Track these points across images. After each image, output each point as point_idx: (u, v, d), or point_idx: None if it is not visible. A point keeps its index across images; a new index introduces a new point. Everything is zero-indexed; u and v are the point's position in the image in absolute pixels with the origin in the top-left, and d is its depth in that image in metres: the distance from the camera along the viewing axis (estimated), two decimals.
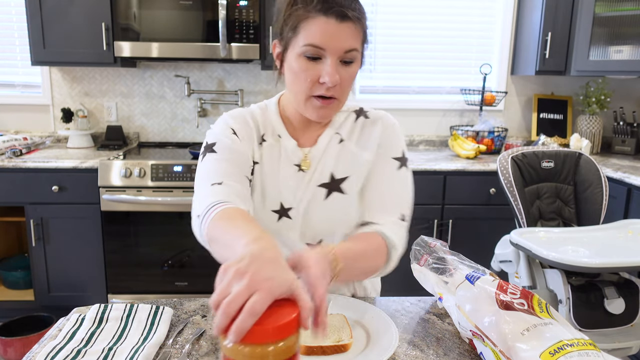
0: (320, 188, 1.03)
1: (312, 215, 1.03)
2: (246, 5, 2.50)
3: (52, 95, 2.98)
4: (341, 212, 1.04)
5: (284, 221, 1.03)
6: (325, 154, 1.05)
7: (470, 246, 2.60)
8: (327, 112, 0.97)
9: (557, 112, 3.07)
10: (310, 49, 0.90)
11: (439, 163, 2.56)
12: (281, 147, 1.05)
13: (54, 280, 2.56)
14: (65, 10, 2.54)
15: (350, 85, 0.97)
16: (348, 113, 1.09)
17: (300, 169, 1.04)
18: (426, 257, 0.98)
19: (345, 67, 0.93)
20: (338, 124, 1.08)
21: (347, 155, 1.05)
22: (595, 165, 2.05)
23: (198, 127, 3.05)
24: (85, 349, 0.84)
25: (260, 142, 1.05)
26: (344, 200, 1.04)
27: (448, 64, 3.08)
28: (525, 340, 0.72)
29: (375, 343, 0.85)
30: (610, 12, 2.57)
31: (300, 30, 0.91)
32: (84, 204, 2.46)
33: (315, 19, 0.89)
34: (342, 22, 0.89)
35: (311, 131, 1.07)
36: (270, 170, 1.03)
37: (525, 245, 1.67)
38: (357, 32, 0.92)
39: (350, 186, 1.04)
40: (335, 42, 0.89)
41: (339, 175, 1.04)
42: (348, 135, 1.07)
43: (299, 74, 0.93)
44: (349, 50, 0.91)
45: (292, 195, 1.03)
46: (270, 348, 0.55)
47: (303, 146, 1.06)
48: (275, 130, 1.06)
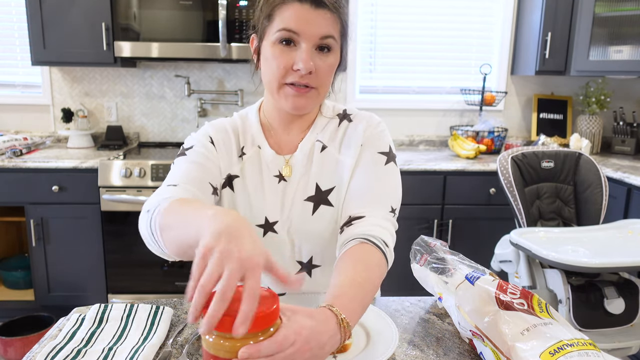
0: (307, 202, 1.00)
1: (301, 231, 1.00)
2: (246, 5, 2.50)
3: (52, 95, 2.98)
4: (331, 226, 1.00)
5: (270, 237, 1.00)
6: (307, 162, 1.01)
7: (470, 246, 2.60)
8: (303, 102, 0.92)
9: (557, 112, 3.07)
10: (284, 33, 0.88)
11: (439, 163, 2.56)
12: (261, 159, 1.01)
13: (54, 280, 2.56)
14: (65, 10, 2.54)
15: (329, 77, 0.93)
16: (329, 118, 1.05)
17: (282, 178, 1.01)
18: (426, 257, 0.98)
19: (322, 56, 0.90)
20: (319, 128, 1.03)
21: (331, 164, 1.01)
22: (595, 165, 2.06)
23: (198, 127, 3.05)
24: (86, 349, 0.84)
25: (240, 154, 1.02)
26: (332, 213, 1.00)
27: (448, 64, 3.08)
28: (525, 340, 0.72)
29: (375, 343, 0.85)
30: (610, 12, 2.57)
31: (275, 17, 0.89)
32: (84, 204, 2.46)
33: (289, 5, 0.88)
34: (318, 8, 0.87)
35: (292, 136, 1.03)
36: (252, 184, 1.00)
37: (525, 245, 1.67)
38: (334, 20, 0.89)
39: (336, 197, 1.00)
40: (310, 27, 0.87)
41: (325, 186, 1.00)
42: (330, 141, 1.02)
43: (272, 61, 0.90)
44: (325, 37, 0.89)
45: (276, 208, 1.00)
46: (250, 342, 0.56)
47: (283, 153, 1.02)
48: (255, 141, 1.02)
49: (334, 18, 0.89)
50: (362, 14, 2.98)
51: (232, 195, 1.01)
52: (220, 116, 3.05)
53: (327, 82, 0.94)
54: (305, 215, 1.00)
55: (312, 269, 1.03)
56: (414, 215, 2.55)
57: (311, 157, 1.01)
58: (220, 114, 3.05)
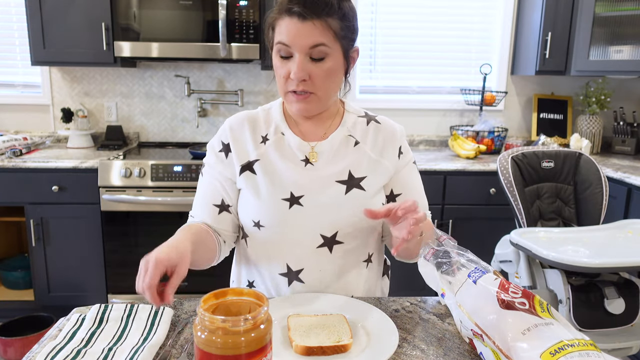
0: (338, 184, 1.06)
1: (332, 208, 1.05)
2: (246, 5, 2.50)
3: (52, 95, 2.98)
4: (361, 208, 1.03)
5: (295, 209, 1.04)
6: (338, 151, 1.08)
7: (470, 246, 2.57)
8: (305, 107, 1.02)
9: (557, 112, 3.07)
10: (280, 47, 0.98)
11: (439, 163, 2.56)
12: (285, 144, 1.08)
13: (54, 280, 2.56)
14: (65, 10, 2.54)
15: (327, 80, 1.00)
16: (356, 117, 1.13)
17: (308, 162, 1.07)
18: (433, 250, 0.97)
19: (316, 63, 0.98)
20: (350, 124, 1.11)
21: (365, 159, 1.09)
22: (595, 165, 2.05)
23: (198, 127, 3.05)
24: (85, 349, 0.84)
25: (262, 141, 1.09)
26: (365, 196, 1.06)
27: (448, 64, 3.08)
28: (526, 340, 0.72)
29: (375, 343, 0.85)
30: (610, 12, 2.57)
31: (275, 30, 0.99)
32: (84, 204, 2.46)
33: (283, 19, 0.96)
34: (304, 21, 0.94)
35: (316, 127, 1.10)
36: (276, 162, 1.06)
37: (525, 245, 1.67)
38: (324, 28, 0.95)
39: (369, 185, 1.07)
40: (299, 39, 0.95)
41: (358, 175, 1.07)
42: (362, 138, 1.10)
43: (276, 72, 1.02)
44: (314, 46, 0.95)
45: (302, 182, 1.05)
46: (241, 339, 0.56)
47: (309, 140, 1.09)
48: (278, 128, 1.10)
49: (323, 26, 0.95)
50: (362, 14, 2.97)
51: (252, 177, 1.07)
52: (220, 116, 3.06)
53: (326, 86, 1.01)
54: (338, 194, 1.05)
55: (334, 244, 1.07)
56: None
57: (343, 149, 1.09)
58: (220, 114, 3.05)
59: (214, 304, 0.64)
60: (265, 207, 1.05)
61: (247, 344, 0.58)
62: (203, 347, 0.58)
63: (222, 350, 0.57)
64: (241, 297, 0.66)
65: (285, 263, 1.08)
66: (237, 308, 0.65)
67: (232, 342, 0.57)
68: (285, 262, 1.08)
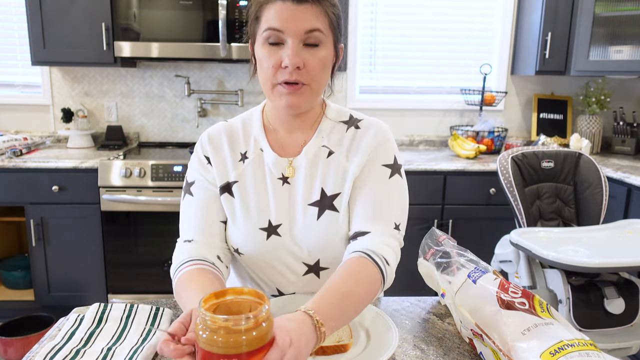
0: (311, 207, 0.98)
1: (305, 236, 0.99)
2: (246, 5, 2.50)
3: (52, 95, 2.98)
4: (335, 230, 0.99)
5: (273, 240, 0.99)
6: (312, 166, 1.00)
7: (470, 246, 2.57)
8: (297, 100, 0.91)
9: (557, 112, 3.07)
10: (270, 32, 0.88)
11: (439, 163, 2.56)
12: (264, 162, 1.01)
13: (54, 280, 2.56)
14: (65, 10, 2.54)
15: (320, 71, 0.91)
16: (335, 123, 1.03)
17: (285, 181, 1.00)
18: (433, 250, 0.97)
19: (310, 51, 0.89)
20: (326, 132, 1.02)
21: (338, 170, 0.99)
22: (595, 165, 2.05)
23: (198, 127, 3.05)
24: (85, 349, 0.83)
25: (241, 159, 1.01)
26: (337, 218, 0.98)
27: (448, 64, 3.08)
28: (525, 339, 0.72)
29: (376, 343, 0.85)
30: (610, 12, 2.57)
31: (261, 17, 0.89)
32: (84, 204, 2.46)
33: (274, 4, 0.88)
34: (300, 4, 0.86)
35: (295, 137, 1.02)
36: (254, 188, 1.00)
37: (525, 245, 1.67)
38: (320, 13, 0.88)
39: (341, 203, 0.99)
40: (293, 23, 0.87)
41: (330, 192, 0.99)
42: (336, 146, 1.01)
43: (263, 62, 0.91)
44: (311, 31, 0.88)
45: (281, 211, 0.99)
46: (243, 337, 0.57)
47: (286, 155, 1.01)
48: (257, 143, 1.02)
49: (319, 10, 0.88)
50: (362, 14, 2.97)
51: (231, 200, 1.00)
52: (220, 116, 3.06)
53: (320, 77, 0.92)
54: (310, 219, 0.98)
55: (319, 270, 1.02)
56: (414, 215, 2.54)
57: (316, 162, 1.00)
58: (220, 114, 3.05)
59: (215, 304, 0.64)
60: (243, 237, 0.99)
61: (249, 343, 0.58)
62: (204, 347, 0.58)
63: (223, 349, 0.57)
64: (241, 296, 0.66)
65: (275, 287, 1.04)
66: (237, 307, 0.65)
67: (233, 341, 0.57)
68: (275, 287, 1.04)
